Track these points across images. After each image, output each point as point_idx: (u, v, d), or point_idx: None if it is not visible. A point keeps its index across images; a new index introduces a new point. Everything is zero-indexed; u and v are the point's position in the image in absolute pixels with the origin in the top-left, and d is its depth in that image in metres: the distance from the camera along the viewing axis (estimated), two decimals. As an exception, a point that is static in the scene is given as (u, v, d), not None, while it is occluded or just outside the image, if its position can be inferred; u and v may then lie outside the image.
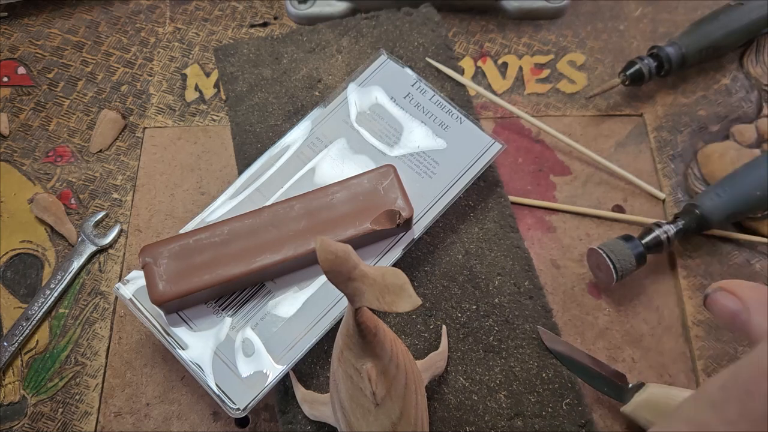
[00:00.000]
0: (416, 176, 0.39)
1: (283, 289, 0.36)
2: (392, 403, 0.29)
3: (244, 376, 0.34)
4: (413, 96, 0.42)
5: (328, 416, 0.33)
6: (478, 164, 0.39)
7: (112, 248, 0.42)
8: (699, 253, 0.41)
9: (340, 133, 0.41)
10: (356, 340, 0.28)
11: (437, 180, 0.39)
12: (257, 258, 0.35)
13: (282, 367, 0.34)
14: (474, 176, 0.39)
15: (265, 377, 0.34)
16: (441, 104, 0.41)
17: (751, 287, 0.25)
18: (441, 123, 0.41)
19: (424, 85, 0.42)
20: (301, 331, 0.35)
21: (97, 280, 0.41)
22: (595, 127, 0.46)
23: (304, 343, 0.35)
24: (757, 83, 0.47)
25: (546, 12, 0.49)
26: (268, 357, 0.35)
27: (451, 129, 0.41)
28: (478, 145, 0.40)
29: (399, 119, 0.41)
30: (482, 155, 0.40)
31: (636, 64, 0.44)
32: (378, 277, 0.25)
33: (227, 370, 0.34)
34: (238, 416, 0.34)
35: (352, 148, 0.40)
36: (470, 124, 0.41)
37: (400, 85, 0.42)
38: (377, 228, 0.36)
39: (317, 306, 0.36)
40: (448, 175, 0.39)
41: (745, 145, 0.45)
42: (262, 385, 0.34)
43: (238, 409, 0.33)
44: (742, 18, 0.46)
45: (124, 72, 0.48)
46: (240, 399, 0.34)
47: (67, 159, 0.45)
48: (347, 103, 0.42)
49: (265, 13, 0.51)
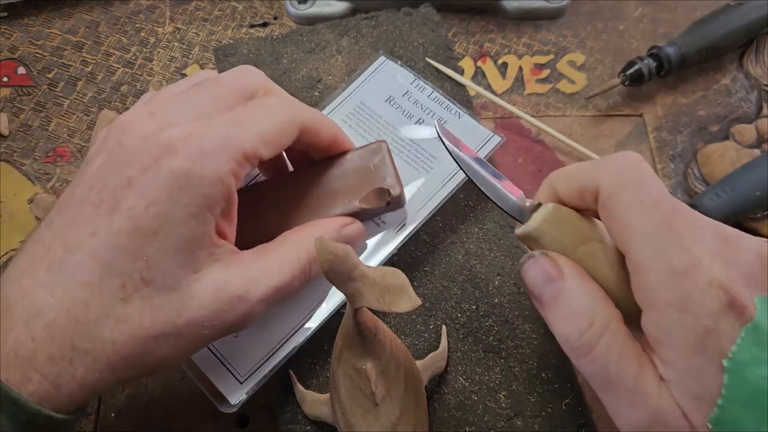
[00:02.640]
0: (414, 171, 0.39)
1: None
2: (392, 403, 0.29)
3: (238, 369, 0.34)
4: (412, 94, 0.42)
5: (327, 416, 0.33)
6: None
7: (112, 248, 0.42)
8: (699, 253, 0.41)
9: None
10: (356, 341, 0.28)
11: (435, 174, 0.39)
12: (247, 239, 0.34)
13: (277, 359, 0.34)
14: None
15: (261, 371, 0.34)
16: (439, 100, 0.42)
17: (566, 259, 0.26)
18: (440, 119, 0.41)
19: (422, 83, 0.42)
20: (296, 321, 0.35)
21: (97, 280, 0.41)
22: (594, 127, 0.46)
23: (299, 336, 0.35)
24: (757, 83, 0.47)
25: (546, 12, 0.49)
26: (262, 350, 0.34)
27: (449, 124, 0.41)
28: (477, 139, 0.40)
29: (397, 117, 0.41)
30: (481, 148, 0.40)
31: (636, 64, 0.44)
32: (378, 277, 0.25)
33: (219, 364, 0.34)
34: (230, 411, 0.33)
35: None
36: (469, 119, 0.41)
37: (398, 84, 0.42)
38: (366, 207, 0.34)
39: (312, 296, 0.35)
40: (447, 168, 0.39)
41: (745, 145, 0.45)
42: (256, 379, 0.34)
43: (232, 405, 0.33)
44: (742, 18, 0.46)
45: (124, 72, 0.48)
46: (233, 395, 0.33)
47: (67, 159, 0.45)
48: (346, 104, 0.42)
49: (265, 13, 0.51)
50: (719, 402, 0.22)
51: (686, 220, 0.25)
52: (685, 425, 0.23)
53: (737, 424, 0.22)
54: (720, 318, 0.23)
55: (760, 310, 0.23)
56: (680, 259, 0.23)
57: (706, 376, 0.23)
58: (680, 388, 0.23)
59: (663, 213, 0.24)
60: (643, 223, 0.24)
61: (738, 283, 0.23)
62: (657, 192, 0.25)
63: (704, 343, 0.23)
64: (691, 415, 0.23)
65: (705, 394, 0.23)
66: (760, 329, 0.23)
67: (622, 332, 0.25)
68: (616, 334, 0.24)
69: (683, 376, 0.23)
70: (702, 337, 0.23)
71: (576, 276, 0.26)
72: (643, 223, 0.24)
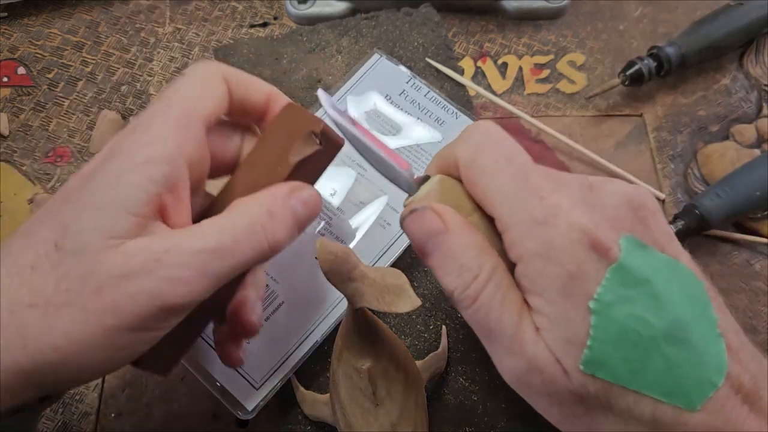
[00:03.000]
0: (415, 173, 0.39)
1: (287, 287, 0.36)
2: (392, 403, 0.29)
3: (252, 376, 0.34)
4: (408, 93, 0.42)
5: (327, 416, 0.33)
6: None
7: (112, 248, 0.42)
8: (699, 254, 0.41)
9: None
10: (356, 341, 0.28)
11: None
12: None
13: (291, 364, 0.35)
14: None
15: (276, 377, 0.34)
16: (436, 100, 0.41)
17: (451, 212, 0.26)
18: (437, 119, 0.41)
19: (418, 82, 0.42)
20: (306, 326, 0.35)
21: (97, 281, 0.41)
22: (594, 127, 0.46)
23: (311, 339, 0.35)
24: (757, 83, 0.47)
25: (546, 12, 0.49)
26: (275, 356, 0.35)
27: (446, 124, 0.41)
28: None
29: (394, 116, 0.41)
30: None
31: (636, 64, 0.44)
32: (378, 277, 0.26)
33: (233, 372, 0.34)
34: (247, 417, 0.34)
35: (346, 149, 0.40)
36: (466, 119, 0.41)
37: (394, 82, 0.42)
38: (299, 158, 0.29)
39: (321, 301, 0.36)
40: None
41: (745, 145, 0.45)
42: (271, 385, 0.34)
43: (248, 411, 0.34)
44: (742, 18, 0.45)
45: (124, 72, 0.48)
46: (249, 401, 0.34)
47: (67, 159, 0.45)
48: (341, 103, 0.42)
49: (265, 14, 0.51)
50: (588, 343, 0.22)
51: (542, 172, 0.25)
52: (558, 370, 0.23)
53: (608, 364, 0.22)
54: (584, 261, 0.23)
55: (625, 250, 0.23)
56: (539, 208, 0.24)
57: (574, 319, 0.23)
58: (551, 334, 0.23)
59: (517, 168, 0.25)
60: (501, 182, 0.25)
61: (602, 226, 0.23)
62: (510, 151, 0.25)
63: (569, 287, 0.23)
64: (563, 360, 0.23)
65: (574, 337, 0.23)
66: (625, 269, 0.23)
67: (505, 283, 0.25)
68: (498, 284, 0.24)
69: (553, 322, 0.23)
70: (566, 282, 0.23)
71: (460, 227, 0.25)
72: (500, 182, 0.25)
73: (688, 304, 0.23)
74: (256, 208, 0.26)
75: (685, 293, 0.23)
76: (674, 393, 0.22)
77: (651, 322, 0.22)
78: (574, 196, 0.24)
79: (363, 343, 0.28)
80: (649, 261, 0.23)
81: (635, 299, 0.23)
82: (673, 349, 0.22)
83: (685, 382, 0.22)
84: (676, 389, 0.22)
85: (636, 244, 0.24)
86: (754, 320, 0.39)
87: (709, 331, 0.23)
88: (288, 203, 0.27)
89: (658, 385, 0.22)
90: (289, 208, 0.26)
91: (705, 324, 0.23)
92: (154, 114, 0.26)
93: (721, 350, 0.23)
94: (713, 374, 0.22)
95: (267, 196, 0.27)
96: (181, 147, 0.25)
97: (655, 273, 0.23)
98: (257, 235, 0.26)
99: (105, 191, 0.23)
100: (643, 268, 0.23)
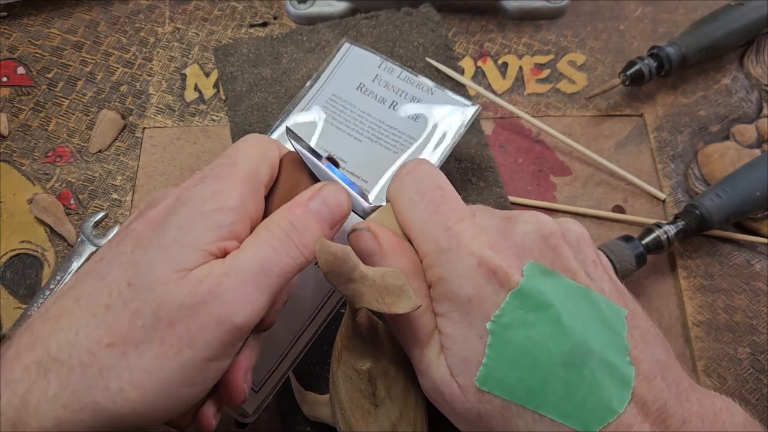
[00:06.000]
0: (393, 155, 0.38)
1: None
2: (392, 404, 0.29)
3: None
4: (381, 77, 0.41)
5: (327, 417, 0.33)
6: (452, 128, 0.39)
7: (111, 248, 0.42)
8: (699, 254, 0.41)
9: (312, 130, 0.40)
10: (355, 342, 0.28)
11: (415, 154, 0.38)
12: None
13: (287, 365, 0.34)
14: (453, 142, 0.38)
15: (273, 379, 0.34)
16: (409, 79, 0.41)
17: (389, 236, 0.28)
18: (412, 98, 0.40)
19: (390, 64, 0.41)
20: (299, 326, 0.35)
21: (97, 281, 0.41)
22: (595, 127, 0.46)
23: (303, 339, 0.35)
24: (757, 83, 0.47)
25: (546, 12, 0.49)
26: (270, 358, 0.35)
27: (423, 101, 0.40)
28: (452, 111, 0.39)
29: (369, 104, 0.40)
30: (458, 120, 0.39)
31: (636, 64, 0.44)
32: (377, 278, 0.25)
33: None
34: (248, 421, 0.34)
35: (326, 141, 0.39)
36: (441, 92, 0.40)
37: (366, 69, 0.41)
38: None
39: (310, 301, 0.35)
40: (426, 146, 0.38)
41: (745, 146, 0.44)
42: (269, 387, 0.34)
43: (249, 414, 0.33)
44: (742, 18, 0.45)
45: (124, 72, 0.48)
46: (249, 404, 0.34)
47: (67, 159, 0.45)
48: (318, 98, 0.41)
49: (264, 13, 0.51)
50: (484, 361, 0.24)
51: (452, 204, 0.27)
52: (456, 389, 0.25)
53: (504, 383, 0.24)
54: (482, 286, 0.25)
55: (527, 276, 0.25)
56: (444, 237, 0.26)
57: (471, 339, 0.25)
58: (451, 353, 0.25)
59: (429, 202, 0.27)
60: (414, 216, 0.28)
61: (505, 254, 0.25)
62: (426, 187, 0.28)
63: (468, 310, 0.25)
64: (459, 378, 0.25)
65: (471, 356, 0.25)
66: (525, 294, 0.24)
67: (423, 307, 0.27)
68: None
69: (454, 342, 0.25)
70: (466, 305, 0.25)
71: (392, 251, 0.27)
72: (413, 216, 0.28)
73: (595, 331, 0.24)
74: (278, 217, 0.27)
75: (594, 320, 0.24)
76: (573, 416, 0.23)
77: (549, 346, 0.24)
78: (485, 225, 0.27)
79: (363, 344, 0.28)
80: (554, 287, 0.25)
81: (534, 323, 0.24)
82: (571, 374, 0.23)
83: (582, 406, 0.23)
84: (575, 412, 0.23)
85: (539, 270, 0.25)
86: (754, 320, 0.39)
87: (617, 358, 0.24)
88: (307, 206, 0.28)
89: (557, 407, 0.23)
90: (309, 211, 0.28)
91: (613, 351, 0.24)
92: (221, 168, 0.27)
93: (626, 377, 0.23)
94: (614, 401, 0.23)
95: (288, 204, 0.28)
96: (244, 201, 0.27)
97: (559, 299, 0.24)
98: (287, 242, 0.27)
99: (176, 233, 0.25)
100: (547, 293, 0.24)
